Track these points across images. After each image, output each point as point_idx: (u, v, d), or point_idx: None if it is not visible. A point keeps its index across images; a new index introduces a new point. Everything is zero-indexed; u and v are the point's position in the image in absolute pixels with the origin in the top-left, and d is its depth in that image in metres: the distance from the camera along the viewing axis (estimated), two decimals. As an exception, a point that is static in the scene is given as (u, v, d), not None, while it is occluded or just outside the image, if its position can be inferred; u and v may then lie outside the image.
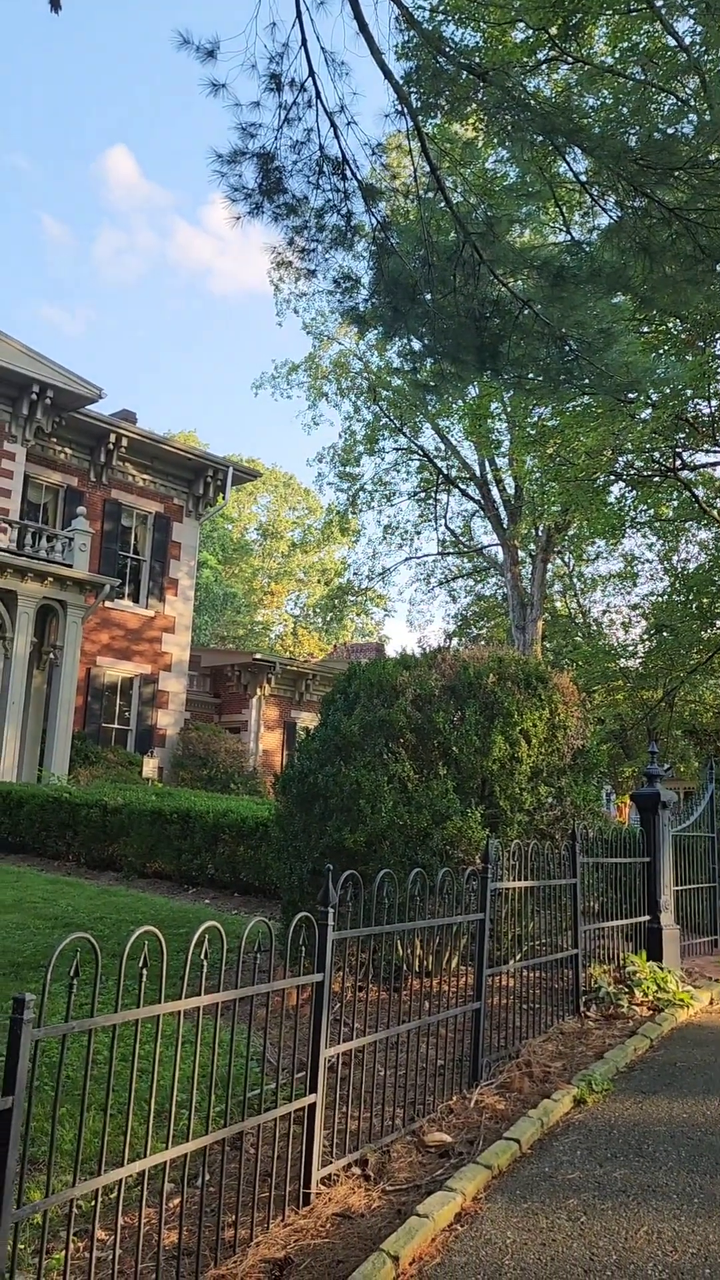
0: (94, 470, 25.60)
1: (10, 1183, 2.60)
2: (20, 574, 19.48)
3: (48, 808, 13.50)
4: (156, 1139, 3.76)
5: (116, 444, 25.38)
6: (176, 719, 26.90)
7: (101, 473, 25.63)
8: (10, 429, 23.00)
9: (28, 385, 22.49)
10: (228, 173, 8.06)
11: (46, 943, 7.79)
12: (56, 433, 24.37)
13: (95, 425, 24.93)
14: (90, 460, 25.57)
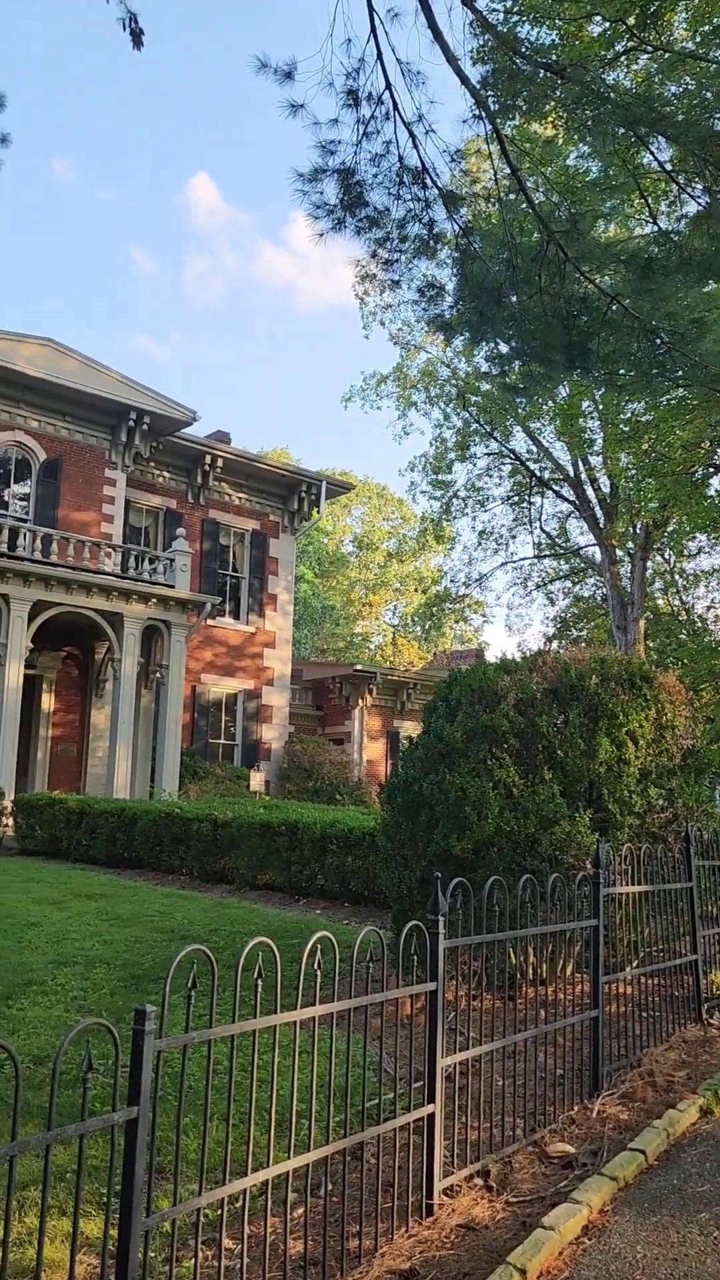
0: (191, 491, 26.10)
1: (139, 1191, 2.64)
2: (125, 596, 19.97)
3: (160, 823, 13.77)
4: (278, 1149, 3.78)
5: (212, 465, 25.83)
6: (280, 732, 27.17)
7: (199, 494, 26.12)
8: (111, 456, 23.63)
9: (125, 413, 23.09)
10: (309, 191, 8.14)
11: (164, 955, 7.93)
12: (154, 457, 24.94)
13: (191, 448, 25.43)
14: (187, 482, 26.08)
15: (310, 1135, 3.47)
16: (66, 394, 22.29)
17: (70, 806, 15.50)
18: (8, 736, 18.18)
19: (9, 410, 22.07)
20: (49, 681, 22.29)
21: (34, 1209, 3.69)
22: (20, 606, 18.51)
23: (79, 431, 23.12)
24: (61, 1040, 5.51)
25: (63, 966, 7.48)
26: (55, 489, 22.69)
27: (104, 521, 23.39)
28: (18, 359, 21.33)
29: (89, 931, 8.90)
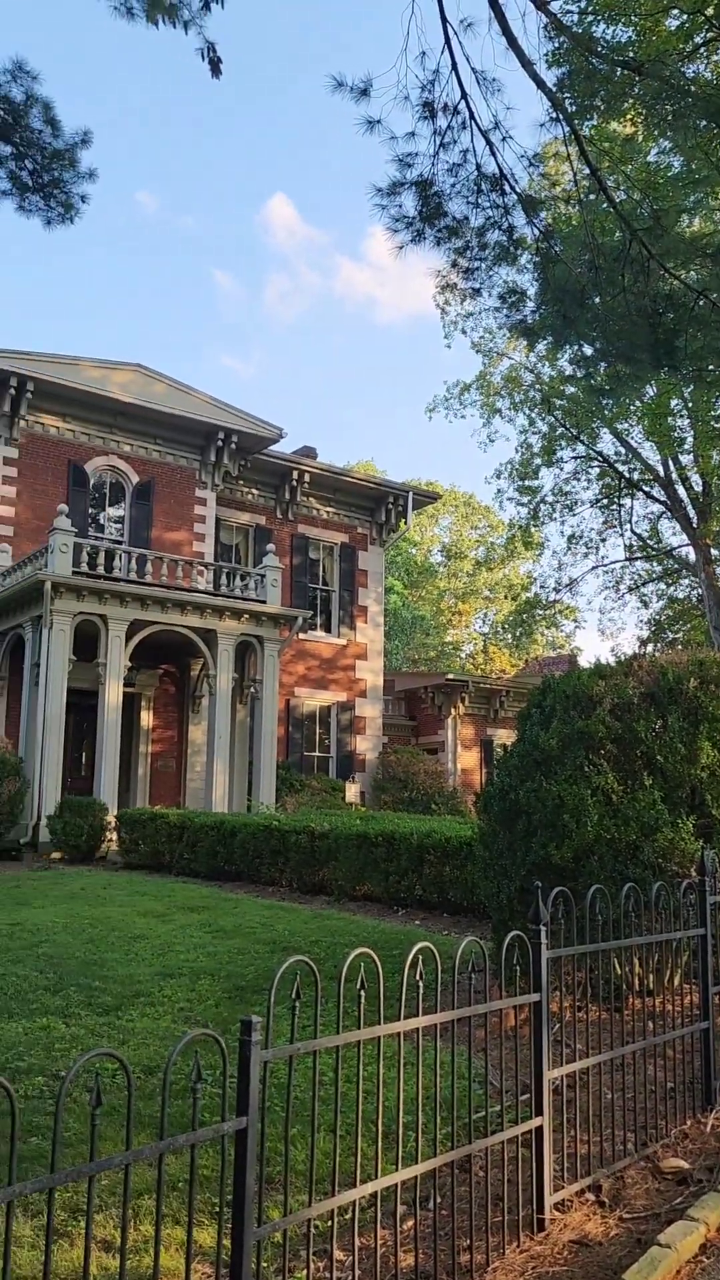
0: (280, 507, 26.40)
1: (250, 1201, 2.66)
2: (218, 613, 20.27)
3: (259, 836, 13.90)
4: (385, 1160, 3.76)
5: (299, 480, 26.10)
6: (374, 743, 27.21)
7: (287, 509, 26.40)
8: (200, 476, 24.07)
9: (214, 433, 23.50)
10: (388, 205, 8.18)
11: (266, 966, 8.00)
12: (243, 475, 25.30)
13: (278, 464, 25.73)
14: (275, 498, 26.38)
15: (418, 1147, 3.45)
16: (157, 418, 22.79)
17: (171, 821, 15.76)
18: (109, 754, 18.59)
19: (102, 436, 22.65)
20: (147, 699, 22.75)
21: (148, 1217, 3.75)
22: (118, 626, 18.94)
23: (169, 453, 23.60)
24: (170, 1051, 5.60)
25: (169, 978, 7.59)
26: (148, 510, 23.19)
27: (196, 540, 23.82)
28: (110, 386, 21.91)
29: (193, 943, 9.02)
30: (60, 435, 22.16)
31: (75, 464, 22.26)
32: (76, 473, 22.26)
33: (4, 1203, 2.18)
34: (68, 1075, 2.35)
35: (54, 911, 10.85)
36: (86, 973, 7.71)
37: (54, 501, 21.30)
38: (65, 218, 9.66)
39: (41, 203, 9.48)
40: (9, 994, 7.02)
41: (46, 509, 21.30)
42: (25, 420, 21.49)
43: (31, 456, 21.71)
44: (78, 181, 9.43)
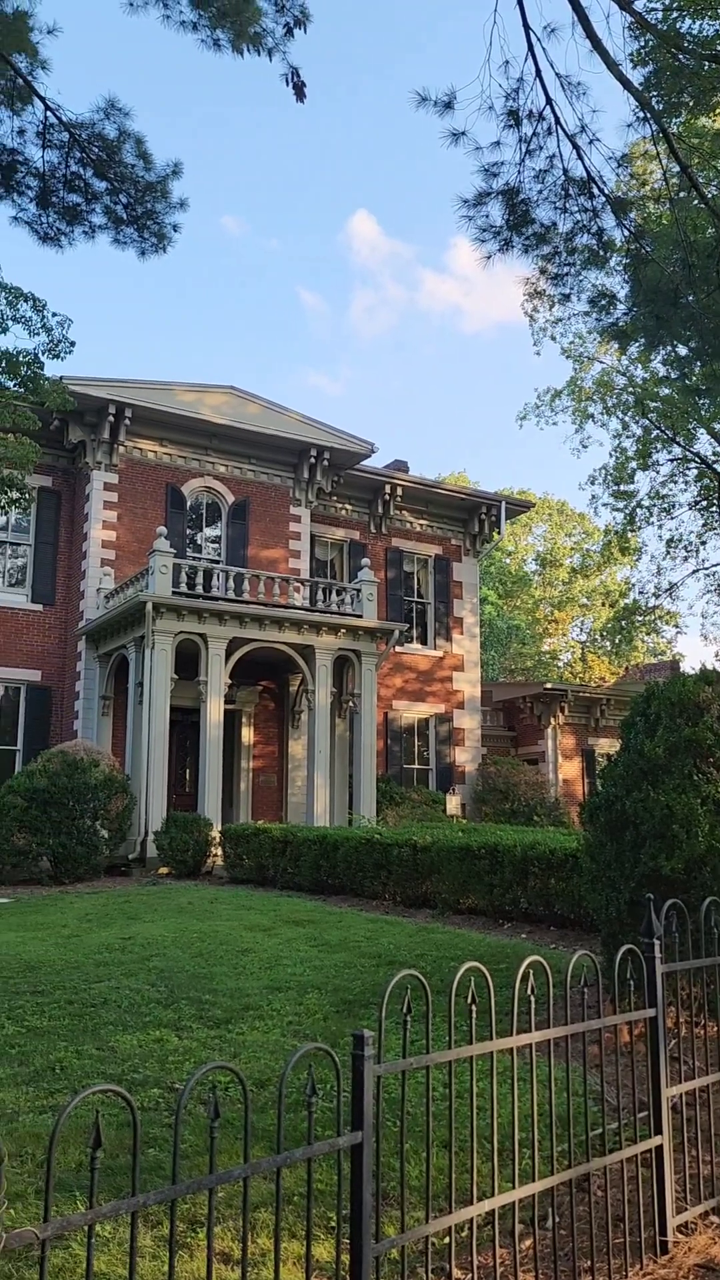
0: (373, 522, 26.51)
1: (368, 1217, 2.65)
2: (315, 629, 20.42)
3: (361, 849, 13.92)
4: (501, 1178, 3.71)
5: (392, 494, 26.17)
6: (474, 755, 27.03)
7: (380, 523, 26.49)
8: (294, 494, 24.33)
9: (306, 451, 23.74)
10: (474, 215, 8.17)
11: (373, 980, 7.98)
12: (336, 491, 25.50)
13: (371, 479, 25.86)
14: (369, 513, 26.50)
15: (534, 1165, 3.39)
16: (250, 438, 23.14)
17: (274, 835, 15.90)
18: (212, 769, 18.87)
19: (198, 458, 23.11)
20: (247, 715, 23.04)
21: (263, 1230, 3.76)
22: (218, 645, 19.25)
23: (263, 472, 23.93)
24: (282, 1064, 5.63)
25: (277, 992, 7.65)
26: (244, 529, 23.54)
27: (291, 557, 24.07)
28: (204, 409, 22.35)
29: (299, 957, 9.07)
30: (158, 459, 22.68)
31: (173, 486, 22.75)
32: (174, 495, 22.74)
33: (129, 1213, 2.22)
34: (185, 1088, 2.37)
35: (163, 926, 11.04)
36: (196, 986, 7.82)
37: (153, 524, 21.80)
38: (158, 248, 9.91)
39: (136, 234, 9.75)
40: (123, 1007, 7.16)
41: (146, 531, 21.81)
42: (124, 446, 22.07)
43: (131, 481, 22.27)
44: (169, 212, 9.67)
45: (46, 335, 12.36)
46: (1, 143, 9.09)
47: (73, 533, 22.78)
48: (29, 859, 16.70)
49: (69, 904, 13.46)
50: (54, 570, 22.61)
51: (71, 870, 16.72)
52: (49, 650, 22.27)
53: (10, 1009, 7.10)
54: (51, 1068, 5.78)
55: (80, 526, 22.43)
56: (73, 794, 16.88)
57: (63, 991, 7.62)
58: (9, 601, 22.06)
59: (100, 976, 8.19)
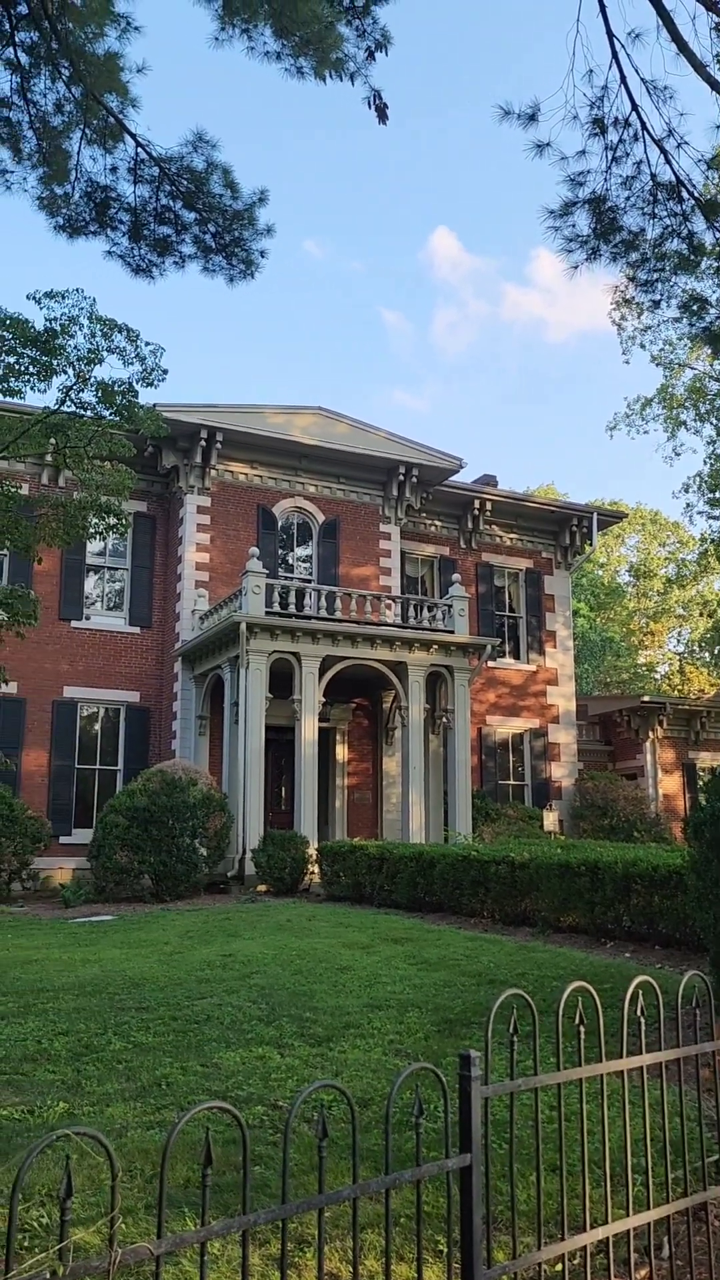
0: (463, 537, 26.42)
1: (479, 1243, 2.60)
2: (408, 645, 20.41)
3: (458, 866, 13.81)
4: (613, 1205, 3.61)
5: (481, 509, 26.07)
6: (570, 770, 26.63)
7: (470, 538, 26.39)
8: (384, 511, 24.41)
9: (395, 468, 23.82)
10: (560, 225, 8.10)
11: (474, 999, 7.89)
12: (425, 507, 25.50)
13: (460, 494, 25.80)
14: (458, 528, 26.44)
15: (647, 1192, 3.29)
16: (339, 457, 23.32)
17: (370, 852, 15.89)
18: (308, 787, 18.97)
19: (289, 479, 23.38)
20: (341, 732, 23.12)
21: (370, 1252, 3.73)
22: (311, 663, 19.38)
23: (353, 491, 24.08)
24: (384, 1083, 5.60)
25: (377, 1010, 7.61)
26: (334, 548, 23.70)
27: (382, 575, 24.13)
28: (293, 430, 22.62)
29: (398, 975, 9.02)
30: (249, 481, 23.02)
31: (264, 507, 23.05)
32: (265, 516, 23.04)
33: (239, 1231, 2.22)
34: (293, 1107, 2.37)
35: (263, 943, 11.11)
36: (297, 1003, 7.83)
37: (245, 545, 22.11)
38: (246, 274, 10.08)
39: (224, 262, 9.94)
40: (226, 1024, 7.22)
41: (239, 553, 22.13)
42: (216, 469, 22.46)
43: (223, 503, 22.64)
44: (256, 238, 9.83)
45: (140, 364, 12.65)
46: (95, 180, 9.39)
47: (168, 556, 23.25)
48: (131, 876, 17.01)
49: (170, 921, 13.66)
50: (150, 593, 23.10)
51: (172, 888, 16.97)
52: (147, 671, 22.74)
53: (117, 1025, 7.22)
54: (158, 1083, 5.86)
55: (175, 549, 22.89)
56: (172, 812, 17.15)
57: (167, 1008, 7.72)
58: (108, 625, 22.61)
59: (202, 993, 8.28)
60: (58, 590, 21.88)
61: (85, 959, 10.28)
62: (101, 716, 22.41)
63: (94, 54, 7.63)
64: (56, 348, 12.38)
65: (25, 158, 8.96)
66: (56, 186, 9.10)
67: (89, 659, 22.09)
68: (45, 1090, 5.77)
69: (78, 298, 12.35)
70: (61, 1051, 6.55)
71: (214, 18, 7.28)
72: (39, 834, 18.53)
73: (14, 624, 12.97)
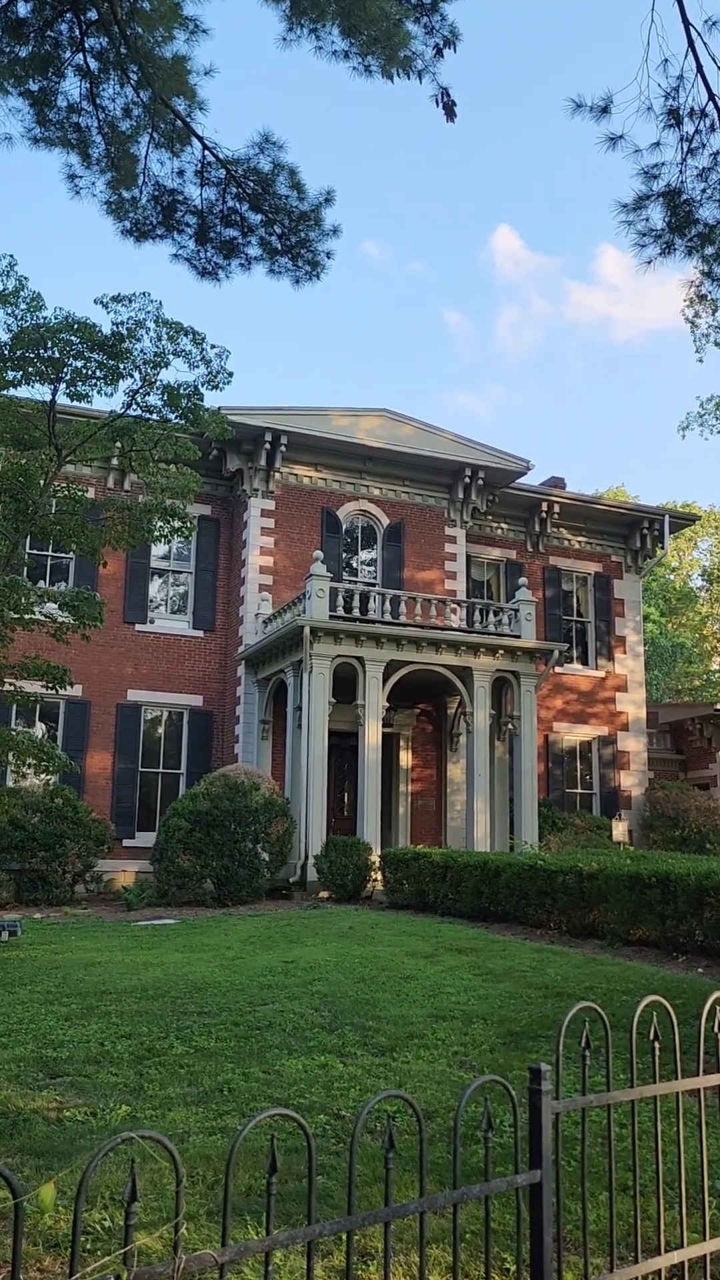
0: (530, 540, 26.23)
1: (550, 1263, 2.55)
2: (473, 650, 20.30)
3: (524, 875, 13.69)
4: (688, 1227, 3.53)
5: (549, 512, 25.84)
6: (640, 779, 26.25)
7: (537, 541, 26.18)
8: (450, 514, 24.33)
9: (461, 471, 23.73)
10: (634, 220, 8.00)
11: (541, 1012, 7.80)
12: (491, 510, 25.36)
13: (527, 497, 25.62)
14: (525, 531, 26.25)
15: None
16: (404, 460, 23.31)
17: (434, 860, 15.83)
18: (371, 793, 18.97)
19: (353, 482, 23.44)
20: (405, 738, 23.07)
21: (435, 1268, 3.69)
22: (375, 668, 19.37)
23: (418, 494, 24.04)
24: (449, 1095, 5.55)
25: (441, 1021, 7.57)
26: (399, 552, 23.69)
27: (447, 579, 24.05)
28: (358, 433, 22.66)
29: (462, 986, 8.96)
30: (313, 484, 23.12)
31: (328, 510, 23.13)
32: (329, 519, 23.12)
33: (304, 1241, 2.21)
34: (359, 1117, 2.35)
35: (325, 950, 11.12)
36: (359, 1012, 7.82)
37: (309, 548, 22.19)
38: (312, 275, 10.12)
39: (290, 264, 10.00)
40: (288, 1030, 7.23)
41: (303, 556, 22.23)
42: (280, 472, 22.60)
43: (287, 507, 22.77)
44: (322, 239, 9.87)
45: (205, 367, 12.78)
46: (162, 184, 9.51)
47: (231, 559, 23.45)
48: (193, 880, 17.16)
49: (232, 926, 13.75)
50: (214, 597, 23.32)
51: (234, 893, 17.09)
52: (210, 675, 22.95)
53: (179, 1029, 7.28)
54: (220, 1089, 5.89)
55: (238, 553, 23.08)
56: (234, 817, 17.27)
57: (228, 1013, 7.77)
58: (172, 629, 22.87)
59: (264, 999, 8.31)
60: (122, 593, 22.20)
61: (147, 962, 10.39)
62: (165, 720, 22.68)
63: (162, 57, 7.72)
64: (123, 351, 12.57)
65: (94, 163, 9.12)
66: (124, 191, 9.24)
67: (153, 662, 22.37)
68: (108, 1093, 5.83)
69: (144, 301, 12.52)
70: (124, 1054, 6.63)
71: (281, 18, 7.32)
72: (102, 836, 18.80)
73: (79, 626, 13.18)
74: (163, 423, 13.37)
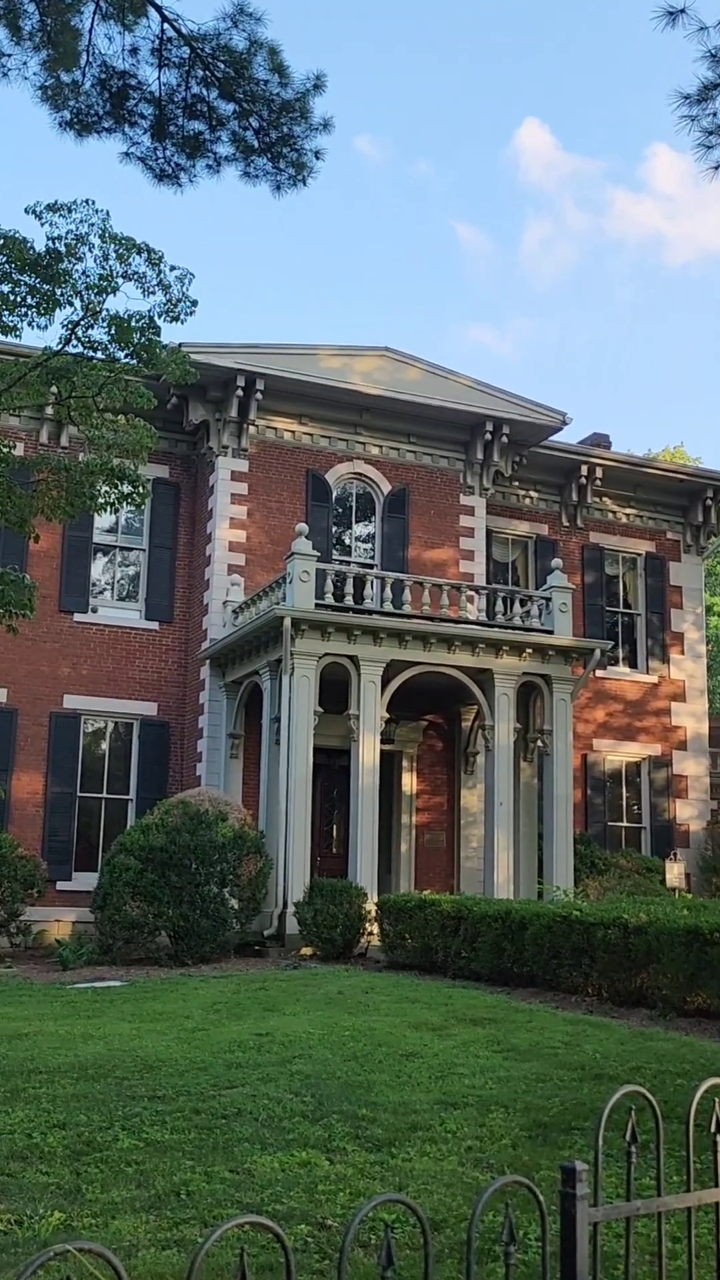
0: (565, 512, 26.28)
1: None
2: (494, 648, 20.32)
3: (555, 929, 13.74)
4: None
5: (589, 477, 25.88)
6: (700, 810, 26.34)
7: (575, 514, 26.24)
8: (466, 479, 24.34)
9: (480, 425, 23.74)
10: (697, 115, 8.03)
11: (575, 1098, 7.83)
12: (518, 475, 25.39)
13: (562, 458, 25.68)
14: (560, 501, 26.31)
15: None
16: (410, 410, 23.34)
17: (444, 910, 15.88)
18: (366, 826, 19.01)
19: (345, 438, 23.45)
20: (409, 757, 23.13)
21: None
22: (371, 669, 19.39)
23: (426, 453, 24.08)
24: (465, 1201, 5.57)
25: (451, 1108, 7.59)
26: (402, 525, 23.72)
27: (462, 559, 24.09)
28: (353, 377, 22.64)
29: (479, 1065, 9.00)
30: (296, 440, 23.15)
31: (314, 473, 23.16)
32: (316, 484, 23.15)
33: None
34: (349, 1226, 2.36)
35: (308, 1020, 11.16)
36: (350, 1097, 7.84)
37: (291, 520, 22.18)
38: (297, 179, 10.13)
39: (270, 165, 10.00)
40: (261, 1120, 7.25)
41: (282, 530, 22.23)
42: (255, 425, 22.60)
43: (264, 468, 22.79)
44: (310, 135, 9.88)
45: (163, 294, 12.73)
46: (110, 64, 9.51)
47: (194, 534, 23.49)
48: (144, 933, 17.19)
49: (192, 989, 13.78)
50: (172, 580, 23.35)
51: (195, 948, 17.12)
52: (166, 678, 22.99)
53: (126, 1117, 7.29)
54: (176, 1191, 5.90)
55: (202, 526, 23.11)
56: (196, 854, 17.30)
57: (187, 1098, 7.79)
58: (119, 619, 22.89)
59: (232, 1081, 8.33)
60: (58, 575, 22.23)
61: (87, 1034, 10.41)
62: (110, 733, 22.71)
63: None
64: (60, 273, 12.54)
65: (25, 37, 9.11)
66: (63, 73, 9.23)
67: (95, 661, 22.39)
68: (37, 1196, 5.84)
69: (87, 211, 12.48)
70: (57, 1148, 6.64)
71: None
72: (31, 878, 18.83)
73: (4, 616, 13.17)
74: (110, 362, 13.35)
